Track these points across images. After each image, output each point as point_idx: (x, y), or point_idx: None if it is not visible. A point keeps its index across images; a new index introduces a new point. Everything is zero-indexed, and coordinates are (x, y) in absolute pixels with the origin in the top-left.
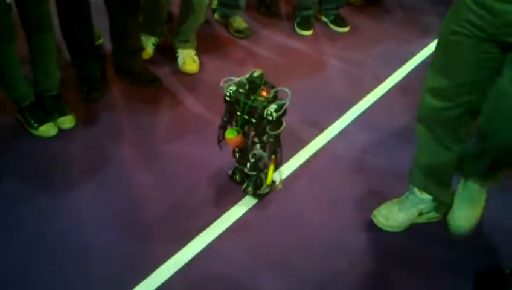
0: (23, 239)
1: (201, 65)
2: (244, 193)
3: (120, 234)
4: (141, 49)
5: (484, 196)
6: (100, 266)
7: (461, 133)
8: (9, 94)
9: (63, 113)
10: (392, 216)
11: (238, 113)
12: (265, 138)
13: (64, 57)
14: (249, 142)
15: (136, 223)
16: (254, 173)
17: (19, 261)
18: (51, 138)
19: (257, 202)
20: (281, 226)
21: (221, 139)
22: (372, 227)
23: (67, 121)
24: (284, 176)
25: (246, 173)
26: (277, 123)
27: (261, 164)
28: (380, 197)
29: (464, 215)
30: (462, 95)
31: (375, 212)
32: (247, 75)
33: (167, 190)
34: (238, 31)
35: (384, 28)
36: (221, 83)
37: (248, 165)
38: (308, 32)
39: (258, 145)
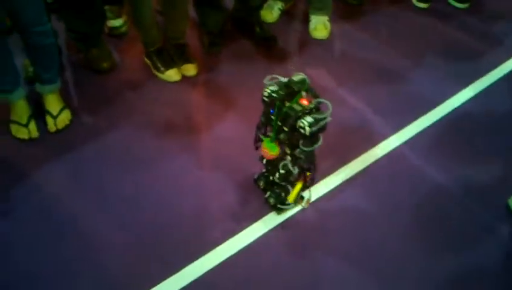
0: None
1: (332, 33)
2: (266, 203)
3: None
4: (261, 6)
5: None
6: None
7: None
8: (142, 36)
9: (187, 61)
10: None
11: (273, 117)
12: (297, 152)
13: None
14: (282, 151)
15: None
16: (283, 183)
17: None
18: (174, 83)
19: (279, 223)
20: (296, 255)
21: (258, 139)
22: None
23: (190, 69)
24: (315, 195)
25: (271, 181)
26: (312, 139)
27: (291, 177)
28: None
29: None
30: None
31: None
32: (290, 77)
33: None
34: None
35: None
36: (265, 80)
37: (277, 175)
38: (425, 5)
39: (288, 158)
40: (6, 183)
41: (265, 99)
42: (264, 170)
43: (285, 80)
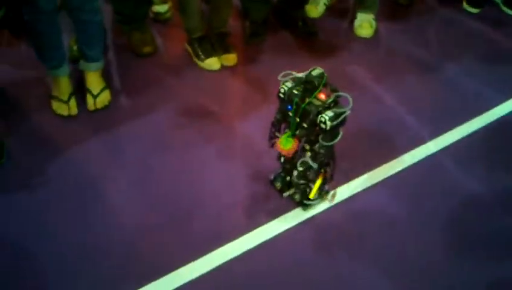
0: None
1: (377, 32)
2: (288, 201)
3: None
4: (307, 1)
5: None
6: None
7: None
8: (186, 22)
9: (227, 51)
10: None
11: (291, 114)
12: (316, 147)
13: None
14: (299, 148)
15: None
16: (302, 182)
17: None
18: (213, 72)
19: (294, 225)
20: (319, 254)
21: (272, 136)
22: None
23: (230, 59)
24: (347, 194)
25: (288, 181)
26: (332, 133)
27: (310, 174)
28: None
29: None
30: None
31: None
32: (306, 72)
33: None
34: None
35: None
36: (280, 76)
37: (295, 173)
38: (476, 10)
39: (308, 154)
40: (44, 157)
41: (282, 96)
42: (280, 171)
43: (301, 75)
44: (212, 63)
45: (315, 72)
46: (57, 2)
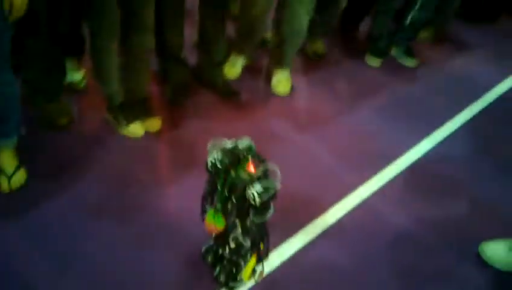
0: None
1: (293, 87)
2: (215, 281)
3: None
4: (225, 62)
5: None
6: None
7: None
8: (104, 89)
9: (150, 115)
10: None
11: (219, 188)
12: (248, 222)
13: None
14: (230, 223)
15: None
16: (234, 258)
17: None
18: (137, 138)
19: None
20: None
21: (204, 210)
22: None
23: (154, 124)
24: (269, 268)
25: (220, 255)
26: (262, 209)
27: (242, 251)
28: None
29: None
30: None
31: None
32: (234, 142)
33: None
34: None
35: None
36: (208, 145)
37: (227, 249)
38: (378, 62)
39: (239, 230)
40: None
41: (210, 168)
42: (212, 243)
43: (229, 144)
44: (136, 129)
45: (243, 144)
46: None
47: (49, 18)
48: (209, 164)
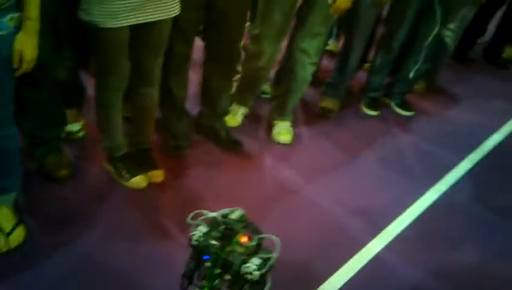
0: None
1: (295, 138)
2: None
3: None
4: (227, 113)
5: None
6: None
7: None
8: (106, 141)
9: (153, 167)
10: None
11: (208, 264)
12: None
13: None
14: None
15: None
16: None
17: None
18: (139, 190)
19: None
20: None
21: (185, 287)
22: None
23: (157, 175)
24: None
25: None
26: (259, 284)
27: None
28: None
29: None
30: None
31: None
32: (224, 212)
33: None
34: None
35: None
36: (189, 218)
37: None
38: (375, 113)
39: None
40: None
41: (195, 243)
42: None
43: (215, 214)
44: (139, 181)
45: (235, 215)
46: None
47: (51, 68)
48: (195, 239)
